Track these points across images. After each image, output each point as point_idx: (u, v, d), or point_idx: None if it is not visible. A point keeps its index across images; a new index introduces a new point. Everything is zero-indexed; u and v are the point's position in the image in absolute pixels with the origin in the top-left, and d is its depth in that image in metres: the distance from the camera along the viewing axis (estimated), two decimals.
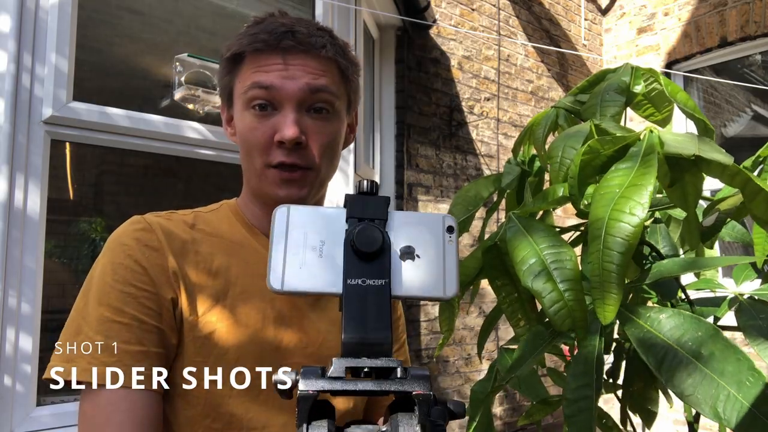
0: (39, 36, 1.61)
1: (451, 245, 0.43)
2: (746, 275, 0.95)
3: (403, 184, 3.20)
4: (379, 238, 0.40)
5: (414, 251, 0.42)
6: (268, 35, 0.76)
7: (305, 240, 0.41)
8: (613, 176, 0.54)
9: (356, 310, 0.38)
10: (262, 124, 0.76)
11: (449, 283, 0.41)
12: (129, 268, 0.71)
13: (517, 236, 0.61)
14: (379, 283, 0.39)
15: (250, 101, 0.76)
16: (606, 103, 0.64)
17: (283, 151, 0.75)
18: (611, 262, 0.50)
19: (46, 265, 1.59)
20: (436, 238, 0.43)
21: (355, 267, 0.39)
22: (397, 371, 0.37)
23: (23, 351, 1.51)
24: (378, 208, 0.42)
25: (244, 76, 0.78)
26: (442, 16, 3.49)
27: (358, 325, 0.38)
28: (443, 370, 3.34)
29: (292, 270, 0.40)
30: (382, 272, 0.40)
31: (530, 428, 3.70)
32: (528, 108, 3.99)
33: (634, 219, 0.50)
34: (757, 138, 4.17)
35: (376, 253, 0.40)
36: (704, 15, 3.91)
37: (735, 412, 0.50)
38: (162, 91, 2.08)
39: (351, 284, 0.39)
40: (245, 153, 0.79)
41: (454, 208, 0.85)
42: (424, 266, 0.41)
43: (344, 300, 0.39)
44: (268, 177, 0.77)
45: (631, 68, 0.68)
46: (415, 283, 0.41)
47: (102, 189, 2.09)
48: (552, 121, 0.71)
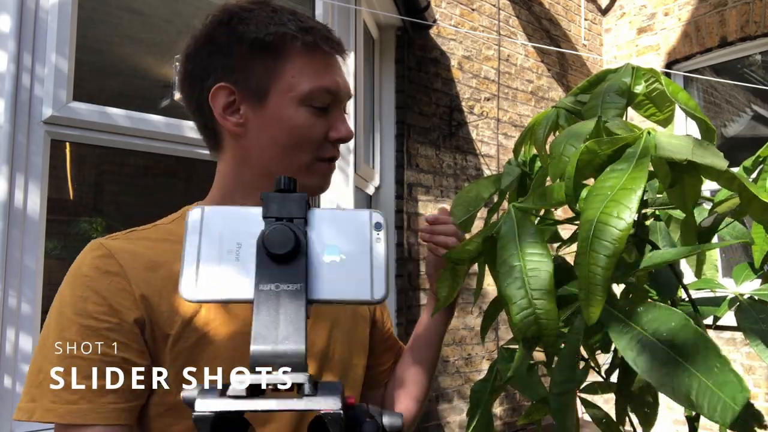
0: (39, 36, 1.61)
1: (380, 243, 0.39)
2: (746, 275, 0.95)
3: (403, 184, 3.20)
4: (292, 238, 0.37)
5: (338, 251, 0.39)
6: (317, 26, 0.78)
7: (221, 243, 0.38)
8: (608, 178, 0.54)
9: (268, 318, 0.35)
10: (320, 121, 0.78)
11: (377, 284, 0.38)
12: (89, 299, 0.68)
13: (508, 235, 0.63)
14: (294, 288, 0.36)
15: (312, 100, 0.76)
16: (607, 104, 0.64)
17: (336, 147, 0.80)
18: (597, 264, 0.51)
19: (46, 265, 1.59)
20: (362, 236, 0.39)
21: (268, 271, 0.36)
22: (305, 387, 0.34)
23: (23, 351, 1.51)
24: (296, 206, 0.39)
25: (302, 72, 0.76)
26: (442, 16, 3.49)
27: (269, 334, 0.35)
28: (443, 370, 3.34)
29: (206, 276, 0.37)
30: (297, 276, 0.36)
31: (530, 428, 3.70)
32: (528, 108, 3.99)
33: (621, 223, 0.50)
34: (757, 138, 4.18)
35: (289, 255, 0.37)
36: (704, 15, 3.91)
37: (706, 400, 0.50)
38: (162, 91, 2.08)
39: (263, 290, 0.36)
40: (288, 148, 0.76)
41: (455, 208, 0.85)
42: (348, 267, 0.38)
43: (255, 307, 0.36)
44: (318, 170, 0.80)
45: (632, 68, 0.68)
46: (338, 286, 0.38)
47: (102, 189, 2.09)
48: (553, 121, 0.71)
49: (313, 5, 2.41)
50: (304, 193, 0.41)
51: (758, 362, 3.57)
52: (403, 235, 3.18)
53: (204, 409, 0.33)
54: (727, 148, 4.10)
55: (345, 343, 0.84)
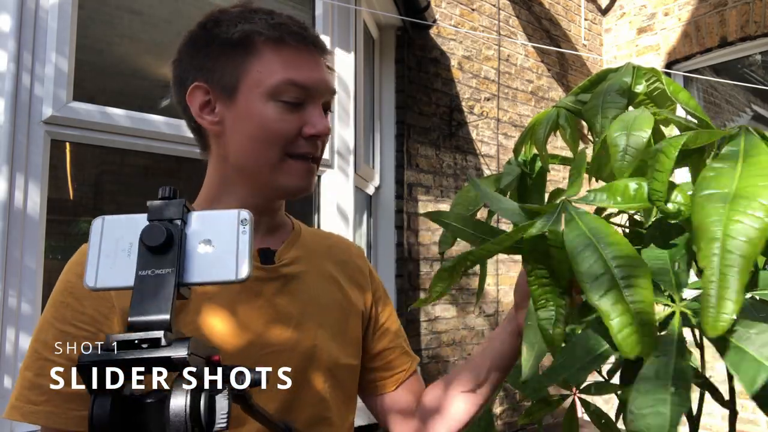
0: (39, 36, 1.61)
1: (244, 235, 0.48)
2: None
3: (403, 184, 3.20)
4: (163, 233, 0.45)
5: (211, 243, 0.47)
6: (291, 23, 0.77)
7: (117, 244, 0.47)
8: (714, 175, 0.49)
9: (142, 296, 0.44)
10: (293, 116, 0.76)
11: (241, 267, 0.47)
12: (69, 306, 0.70)
13: (581, 239, 0.55)
14: (165, 272, 0.45)
15: (280, 95, 0.75)
16: (607, 104, 0.63)
17: (311, 143, 0.77)
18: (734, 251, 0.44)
19: (46, 265, 1.59)
20: (230, 229, 0.48)
21: (147, 260, 0.45)
22: (160, 341, 0.42)
23: (23, 351, 1.51)
24: (174, 209, 0.47)
25: (268, 66, 0.75)
26: (442, 16, 3.49)
27: (142, 308, 0.43)
28: (443, 370, 3.34)
29: (104, 269, 0.46)
30: (170, 263, 0.45)
31: (530, 428, 3.70)
32: (528, 108, 3.99)
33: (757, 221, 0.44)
34: None
35: (162, 246, 0.45)
36: (704, 15, 3.91)
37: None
38: (162, 91, 2.08)
39: (141, 275, 0.45)
40: (259, 143, 0.76)
41: (455, 207, 0.84)
42: (218, 255, 0.47)
43: (134, 288, 0.44)
44: (288, 168, 0.77)
45: (633, 68, 0.67)
46: (208, 270, 0.47)
47: (102, 189, 2.09)
48: (553, 121, 0.71)
49: (313, 5, 2.41)
50: (183, 199, 0.49)
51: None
52: (404, 235, 3.18)
53: (84, 360, 0.41)
54: None
55: (333, 343, 0.83)
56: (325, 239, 0.95)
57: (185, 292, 0.46)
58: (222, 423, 0.43)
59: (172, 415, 0.41)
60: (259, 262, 0.81)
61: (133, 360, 0.41)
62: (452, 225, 0.70)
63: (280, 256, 0.83)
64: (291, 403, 0.76)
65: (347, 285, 0.90)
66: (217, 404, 0.43)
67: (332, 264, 0.90)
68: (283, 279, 0.82)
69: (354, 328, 0.88)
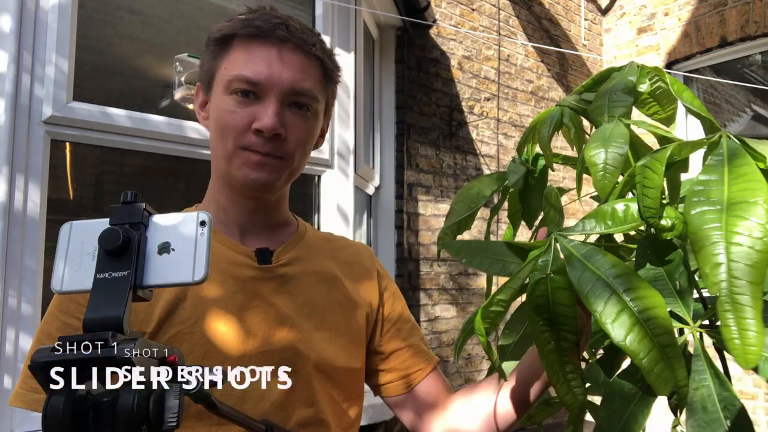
0: (39, 36, 1.61)
1: (203, 237, 0.49)
2: None
3: (403, 184, 3.19)
4: (119, 236, 0.46)
5: (170, 245, 0.48)
6: (262, 23, 0.78)
7: (82, 248, 0.48)
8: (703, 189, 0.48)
9: (99, 296, 0.45)
10: (242, 110, 0.77)
11: (198, 268, 0.47)
12: (73, 299, 0.73)
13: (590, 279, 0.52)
14: (122, 275, 0.45)
15: (234, 88, 0.77)
16: (614, 103, 0.63)
17: (259, 139, 0.77)
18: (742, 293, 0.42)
19: (46, 265, 1.59)
20: (190, 232, 0.49)
21: (105, 263, 0.46)
22: (108, 341, 0.42)
23: (23, 351, 1.51)
24: (134, 214, 0.48)
25: (232, 62, 0.78)
26: (442, 16, 3.49)
27: (97, 307, 0.44)
28: (443, 370, 3.33)
29: (70, 273, 0.47)
30: (126, 265, 0.46)
31: (531, 428, 3.70)
32: (528, 108, 3.99)
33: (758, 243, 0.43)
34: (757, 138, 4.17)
35: (119, 249, 0.46)
36: (704, 15, 3.91)
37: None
38: (162, 91, 2.08)
39: (99, 278, 0.46)
40: (218, 136, 0.79)
41: (456, 205, 0.84)
42: (177, 257, 0.48)
43: (91, 291, 0.45)
44: (239, 159, 0.78)
45: (637, 66, 0.67)
46: (166, 273, 0.47)
47: (102, 189, 2.09)
48: (557, 119, 0.70)
49: (313, 5, 2.41)
50: (142, 203, 0.49)
51: None
52: (404, 235, 3.18)
53: (36, 360, 0.42)
54: None
55: (330, 344, 0.82)
56: (332, 242, 0.95)
57: (146, 295, 0.47)
58: (171, 422, 0.43)
59: (120, 413, 0.41)
60: (256, 262, 0.81)
61: (80, 359, 0.42)
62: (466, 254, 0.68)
63: (278, 256, 0.84)
64: (282, 404, 0.76)
65: (351, 286, 0.89)
66: (167, 403, 0.43)
67: (337, 265, 0.90)
68: (280, 279, 0.82)
69: (357, 330, 0.87)
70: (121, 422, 0.41)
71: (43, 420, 0.41)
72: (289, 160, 0.80)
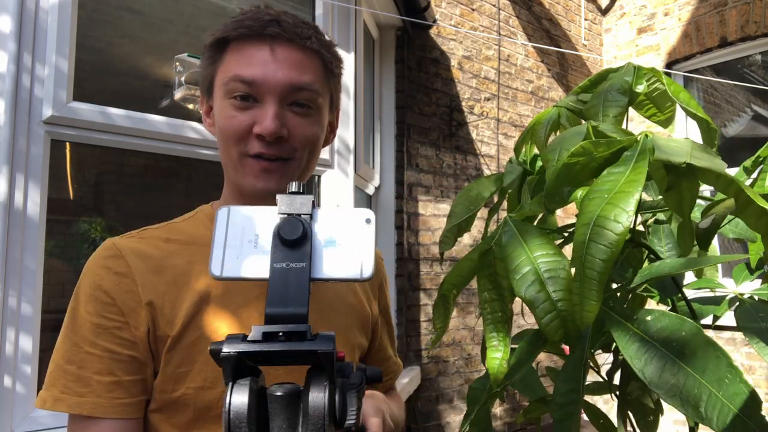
0: (39, 36, 1.61)
1: (368, 235, 0.48)
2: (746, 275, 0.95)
3: (403, 184, 3.19)
4: (300, 228, 0.45)
5: (336, 241, 0.47)
6: (253, 22, 0.76)
7: (243, 235, 0.47)
8: (605, 181, 0.54)
9: (279, 288, 0.44)
10: (242, 114, 0.75)
11: (365, 266, 0.47)
12: (99, 299, 0.72)
13: (513, 242, 0.61)
14: (300, 266, 0.45)
15: (231, 92, 0.75)
16: (608, 103, 0.63)
17: (262, 143, 0.75)
18: (592, 269, 0.50)
19: (46, 265, 1.59)
20: (355, 229, 0.48)
21: (281, 253, 0.45)
22: (306, 334, 0.42)
23: (23, 351, 1.51)
24: (303, 205, 0.48)
25: (227, 66, 0.77)
26: (442, 16, 3.49)
27: (279, 300, 0.43)
28: (443, 370, 3.34)
29: (230, 260, 0.46)
30: (303, 257, 0.45)
31: (530, 428, 3.70)
32: (528, 108, 3.99)
33: (618, 227, 0.49)
34: (757, 138, 4.18)
35: (297, 240, 0.45)
36: (704, 15, 3.91)
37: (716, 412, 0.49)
38: (162, 91, 2.08)
39: (276, 267, 0.45)
40: (222, 143, 0.78)
41: (457, 207, 0.84)
42: (343, 253, 0.47)
43: (269, 280, 0.44)
44: (245, 167, 0.76)
45: (634, 68, 0.67)
46: (334, 267, 0.46)
47: (102, 189, 2.09)
48: (554, 120, 0.71)
49: (313, 5, 2.41)
50: (311, 195, 0.48)
51: (758, 362, 3.57)
52: (403, 235, 3.18)
53: (229, 350, 0.41)
54: (727, 148, 4.10)
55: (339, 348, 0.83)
56: None
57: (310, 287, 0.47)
58: (352, 419, 0.43)
59: (312, 409, 0.41)
60: None
61: (279, 352, 0.41)
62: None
63: None
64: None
65: (362, 292, 0.90)
66: (348, 400, 0.44)
67: None
68: None
69: (360, 337, 0.88)
70: (313, 419, 0.41)
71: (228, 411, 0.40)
72: (296, 162, 0.78)
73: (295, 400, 0.42)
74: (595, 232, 0.50)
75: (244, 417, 0.40)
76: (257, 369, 0.43)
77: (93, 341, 0.71)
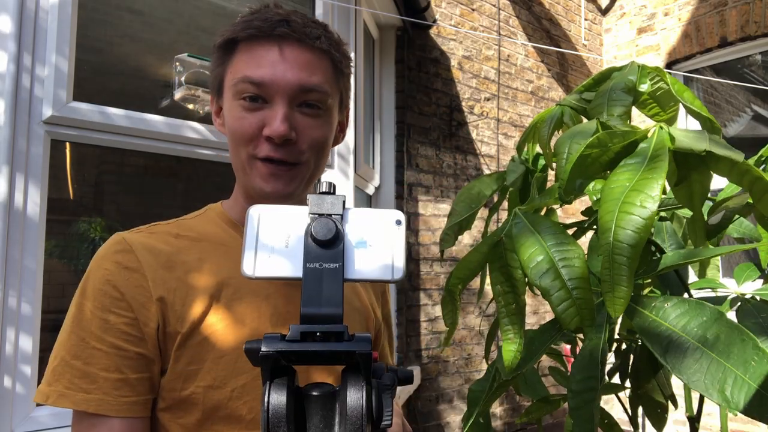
0: (39, 36, 1.60)
1: (399, 236, 0.48)
2: (747, 275, 0.95)
3: (403, 184, 3.19)
4: (333, 228, 0.45)
5: (366, 242, 0.47)
6: (262, 22, 0.75)
7: (274, 234, 0.47)
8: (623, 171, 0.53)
9: (313, 288, 0.44)
10: (251, 115, 0.74)
11: (396, 268, 0.47)
12: (108, 294, 0.71)
13: (524, 233, 0.61)
14: (334, 267, 0.45)
15: (241, 93, 0.75)
16: (613, 102, 0.63)
17: (271, 145, 0.74)
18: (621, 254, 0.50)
19: (46, 265, 1.59)
20: (386, 230, 0.48)
21: (314, 253, 0.45)
22: (344, 335, 0.42)
23: (23, 351, 1.51)
24: (335, 205, 0.48)
25: (236, 66, 0.76)
26: (442, 16, 3.49)
27: (314, 300, 0.43)
28: (443, 370, 3.33)
29: (262, 259, 0.46)
30: (337, 257, 0.45)
31: (530, 428, 3.70)
32: (528, 108, 3.99)
33: (645, 211, 0.49)
34: (758, 138, 4.18)
35: (331, 241, 0.45)
36: (704, 15, 3.91)
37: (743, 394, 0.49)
38: (162, 91, 2.08)
39: (309, 267, 0.45)
40: (232, 144, 0.78)
41: (458, 205, 0.84)
42: (375, 254, 0.47)
43: (304, 280, 0.44)
44: (254, 170, 0.76)
45: (638, 67, 0.67)
46: (366, 268, 0.46)
47: (102, 189, 2.09)
48: (557, 118, 0.70)
49: (313, 5, 2.41)
50: (344, 195, 0.49)
51: None
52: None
53: (268, 349, 0.41)
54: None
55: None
56: None
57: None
58: (387, 420, 0.43)
59: (350, 409, 0.41)
60: None
61: (318, 352, 0.41)
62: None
63: None
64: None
65: (366, 297, 0.90)
66: (384, 401, 0.44)
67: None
68: None
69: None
70: (352, 419, 0.41)
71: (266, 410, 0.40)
72: (304, 165, 0.77)
73: (330, 400, 0.43)
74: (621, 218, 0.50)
75: (283, 416, 0.40)
76: (291, 368, 0.43)
77: (100, 337, 0.70)
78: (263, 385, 0.41)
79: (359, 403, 0.41)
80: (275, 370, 0.42)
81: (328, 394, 0.43)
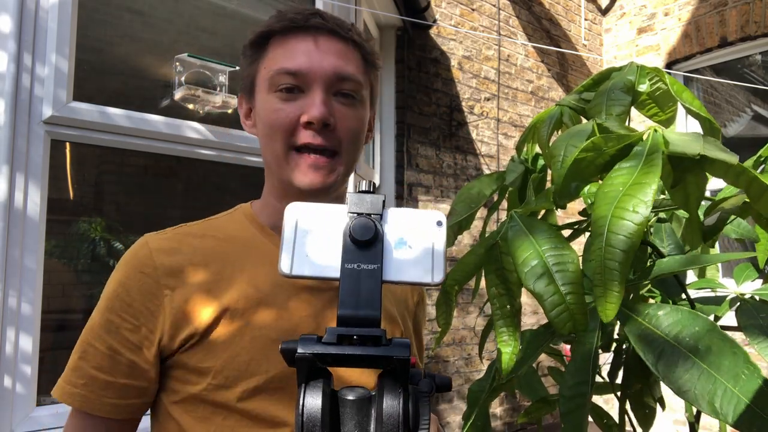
0: (39, 36, 1.61)
1: (440, 238, 0.46)
2: (747, 275, 0.95)
3: (403, 184, 3.19)
4: (373, 228, 0.44)
5: (406, 242, 0.46)
6: (295, 14, 0.76)
7: (312, 232, 0.46)
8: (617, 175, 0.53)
9: (351, 289, 0.43)
10: (289, 105, 0.74)
11: (437, 270, 0.45)
12: (119, 297, 0.73)
13: (519, 236, 0.61)
14: (372, 268, 0.44)
15: (276, 85, 0.75)
16: (612, 102, 0.63)
17: (310, 132, 0.73)
18: (613, 259, 0.50)
19: (46, 265, 1.59)
20: (426, 231, 0.46)
21: (352, 253, 0.44)
22: (381, 339, 0.41)
23: (23, 351, 1.51)
24: (374, 204, 0.46)
25: (270, 60, 0.76)
26: (442, 16, 3.49)
27: (351, 302, 0.42)
28: (443, 370, 3.33)
29: (299, 257, 0.45)
30: (375, 258, 0.44)
31: (531, 428, 3.70)
32: (528, 108, 3.99)
33: (637, 217, 0.49)
34: (757, 138, 4.17)
35: (370, 241, 0.44)
36: (704, 15, 3.91)
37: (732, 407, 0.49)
38: (162, 91, 2.08)
39: (347, 268, 0.43)
40: (267, 138, 0.77)
41: (457, 205, 0.84)
42: (414, 256, 0.46)
43: (341, 281, 0.43)
44: (292, 162, 0.75)
45: (637, 67, 0.67)
46: (405, 270, 0.45)
47: (102, 189, 2.09)
48: (556, 119, 0.71)
49: (312, 5, 2.41)
50: (384, 194, 0.48)
51: (759, 362, 3.56)
52: None
53: (305, 351, 0.40)
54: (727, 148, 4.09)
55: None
56: None
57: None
58: (425, 427, 0.42)
59: (386, 416, 0.40)
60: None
61: (354, 356, 0.41)
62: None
63: None
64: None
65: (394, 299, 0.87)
66: (422, 408, 0.42)
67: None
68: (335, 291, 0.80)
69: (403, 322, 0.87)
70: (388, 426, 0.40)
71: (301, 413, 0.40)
72: (342, 155, 0.76)
73: (366, 404, 0.42)
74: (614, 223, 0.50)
75: (318, 420, 0.40)
76: (327, 371, 0.42)
77: (100, 335, 0.72)
78: (298, 387, 0.41)
79: (396, 410, 0.40)
80: (311, 372, 0.41)
81: (365, 399, 0.42)
